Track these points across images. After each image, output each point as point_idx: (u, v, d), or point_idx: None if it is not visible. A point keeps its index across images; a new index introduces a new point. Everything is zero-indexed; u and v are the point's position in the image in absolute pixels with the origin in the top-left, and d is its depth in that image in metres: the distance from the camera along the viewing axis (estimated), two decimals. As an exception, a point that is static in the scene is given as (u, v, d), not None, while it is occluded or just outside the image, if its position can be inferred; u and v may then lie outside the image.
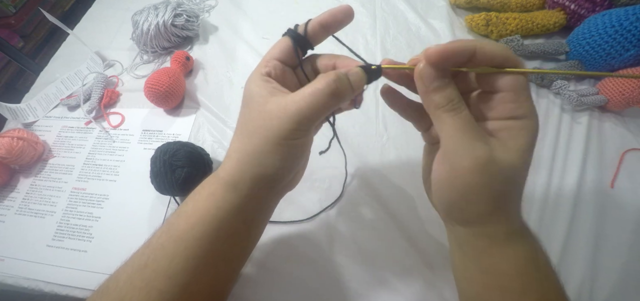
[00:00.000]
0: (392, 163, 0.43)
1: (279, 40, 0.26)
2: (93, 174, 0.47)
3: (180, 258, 0.24)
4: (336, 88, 0.23)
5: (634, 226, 0.36)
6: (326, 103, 0.23)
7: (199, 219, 0.25)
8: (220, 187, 0.25)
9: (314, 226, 0.39)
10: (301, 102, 0.22)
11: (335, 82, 0.23)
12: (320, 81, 0.23)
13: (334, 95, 0.23)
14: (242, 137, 0.25)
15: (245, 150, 0.25)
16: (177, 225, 0.26)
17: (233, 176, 0.25)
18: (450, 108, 0.21)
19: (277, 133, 0.23)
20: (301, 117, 0.22)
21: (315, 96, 0.22)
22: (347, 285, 0.36)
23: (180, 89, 0.51)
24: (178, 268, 0.24)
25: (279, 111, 0.23)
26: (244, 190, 0.25)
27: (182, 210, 0.26)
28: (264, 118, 0.23)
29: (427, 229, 0.38)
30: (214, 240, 0.25)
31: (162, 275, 0.24)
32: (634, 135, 0.42)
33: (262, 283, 0.36)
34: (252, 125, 0.24)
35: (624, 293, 0.33)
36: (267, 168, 0.24)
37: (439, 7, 0.59)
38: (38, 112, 0.55)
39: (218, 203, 0.25)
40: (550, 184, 0.39)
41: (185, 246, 0.24)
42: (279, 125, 0.23)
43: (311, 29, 0.25)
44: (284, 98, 0.23)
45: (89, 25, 0.69)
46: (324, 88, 0.22)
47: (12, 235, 0.44)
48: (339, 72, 0.23)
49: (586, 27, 0.45)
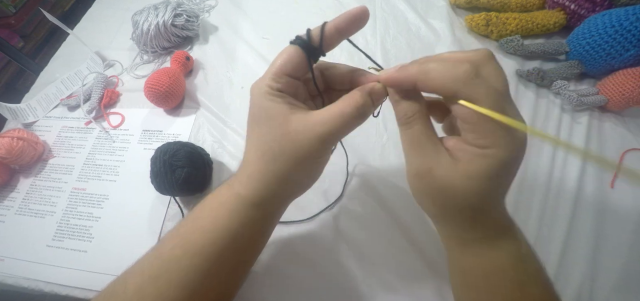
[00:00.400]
0: (392, 163, 0.43)
1: (285, 49, 0.24)
2: (93, 174, 0.47)
3: (196, 272, 0.25)
4: (364, 110, 0.23)
5: (634, 226, 0.36)
6: (353, 124, 0.23)
7: (219, 236, 0.25)
8: (244, 208, 0.25)
9: (314, 226, 0.39)
10: (330, 122, 0.23)
11: (363, 106, 0.23)
12: (348, 103, 0.23)
13: (361, 115, 0.24)
14: (265, 158, 0.24)
15: (271, 172, 0.24)
16: (192, 239, 0.25)
17: (261, 197, 0.25)
18: (404, 122, 0.23)
19: (306, 154, 0.23)
20: (330, 136, 0.23)
21: (344, 118, 0.23)
22: (347, 285, 0.36)
23: (180, 89, 0.51)
24: (194, 280, 0.25)
25: (307, 131, 0.23)
26: (269, 207, 0.26)
27: (197, 224, 0.26)
28: (291, 140, 0.23)
29: (427, 229, 0.38)
30: (232, 253, 0.26)
31: (176, 286, 0.24)
32: (634, 135, 0.42)
33: (262, 283, 0.36)
34: (276, 146, 0.24)
35: (624, 293, 0.33)
36: (295, 186, 0.26)
37: (439, 7, 0.59)
38: (38, 112, 0.55)
39: (242, 221, 0.25)
40: (550, 184, 0.39)
41: (202, 261, 0.25)
42: (308, 145, 0.23)
43: (328, 34, 0.24)
44: (309, 118, 0.23)
45: (89, 25, 0.69)
46: (352, 111, 0.23)
47: (12, 235, 0.44)
48: (364, 94, 0.24)
49: (586, 27, 0.45)
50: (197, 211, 0.27)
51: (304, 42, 0.24)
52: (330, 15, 0.60)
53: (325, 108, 0.23)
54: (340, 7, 0.62)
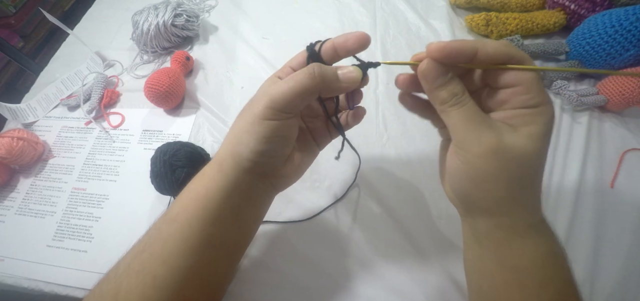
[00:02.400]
0: (392, 163, 0.43)
1: (300, 52, 0.27)
2: (93, 174, 0.47)
3: (173, 239, 0.25)
4: (315, 74, 0.24)
5: (634, 226, 0.36)
6: (304, 86, 0.24)
7: (191, 200, 0.26)
8: (209, 168, 0.27)
9: (314, 226, 0.39)
10: (283, 84, 0.24)
11: (313, 67, 0.24)
12: (304, 71, 0.24)
13: (312, 78, 0.24)
14: (235, 121, 0.27)
15: (231, 130, 0.27)
16: (172, 208, 0.27)
17: (220, 154, 0.27)
18: (455, 102, 0.22)
19: (257, 113, 0.24)
20: (280, 97, 0.24)
21: (296, 80, 0.24)
22: (347, 285, 0.36)
23: (180, 89, 0.51)
24: (171, 250, 0.25)
25: (263, 93, 0.25)
26: (226, 169, 0.26)
27: (180, 195, 0.28)
28: (252, 101, 0.26)
29: (428, 229, 0.38)
30: (202, 222, 0.26)
31: (157, 258, 0.25)
32: (634, 135, 0.42)
33: (262, 283, 0.36)
34: (244, 109, 0.26)
35: (624, 292, 0.33)
36: (244, 146, 0.25)
37: (439, 7, 0.59)
38: (38, 112, 0.55)
39: (207, 184, 0.26)
40: (550, 184, 0.39)
41: (177, 228, 0.25)
42: (259, 104, 0.24)
43: (324, 50, 0.26)
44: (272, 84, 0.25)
45: (89, 25, 0.69)
46: (304, 72, 0.24)
47: (12, 235, 0.44)
48: (322, 65, 0.25)
49: (586, 27, 0.45)
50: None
51: (310, 48, 0.26)
52: (331, 15, 0.61)
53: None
54: (340, 7, 0.62)
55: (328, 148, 0.32)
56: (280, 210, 0.40)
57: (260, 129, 0.24)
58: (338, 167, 0.42)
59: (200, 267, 0.26)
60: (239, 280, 0.36)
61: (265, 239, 0.39)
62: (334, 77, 0.25)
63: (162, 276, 0.24)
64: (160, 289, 0.24)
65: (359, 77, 0.25)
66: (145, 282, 0.24)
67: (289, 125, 0.26)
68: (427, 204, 0.40)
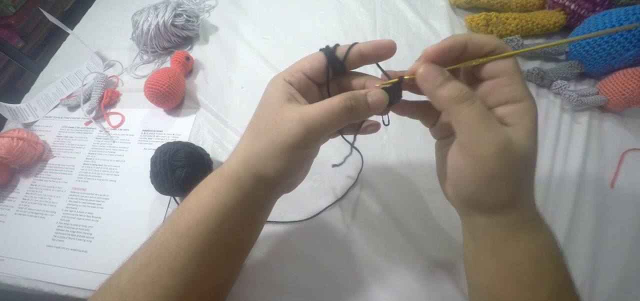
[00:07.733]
0: (392, 163, 0.43)
1: (312, 54, 0.26)
2: (93, 174, 0.47)
3: (184, 253, 0.25)
4: (351, 106, 0.23)
5: (634, 226, 0.36)
6: (340, 119, 0.23)
7: (203, 216, 0.25)
8: (223, 184, 0.26)
9: (314, 226, 0.39)
10: (317, 112, 0.23)
11: (350, 100, 0.23)
12: (339, 96, 0.23)
13: (349, 112, 0.23)
14: (252, 135, 0.26)
15: (252, 149, 0.25)
16: (180, 221, 0.26)
17: (238, 172, 0.26)
18: (467, 97, 0.21)
19: (286, 138, 0.23)
20: (314, 126, 0.23)
21: (331, 110, 0.23)
22: (347, 285, 0.36)
23: (180, 89, 0.51)
24: (183, 263, 0.25)
25: (293, 118, 0.23)
26: (245, 187, 0.25)
27: (185, 206, 0.27)
28: (276, 122, 0.24)
29: (428, 228, 0.38)
30: (217, 235, 0.25)
31: (167, 270, 0.24)
32: (634, 135, 0.42)
33: (262, 283, 0.36)
34: (263, 125, 0.25)
35: (624, 292, 0.33)
36: (269, 170, 0.25)
37: (439, 7, 0.59)
38: (38, 112, 0.55)
39: (222, 200, 0.25)
40: (550, 184, 0.39)
41: (189, 242, 0.25)
42: (289, 129, 0.23)
43: (351, 59, 0.26)
44: (301, 108, 0.24)
45: (89, 25, 0.69)
46: (339, 103, 0.23)
47: (12, 235, 0.44)
48: (356, 92, 0.24)
49: (586, 27, 0.45)
50: (189, 194, 0.28)
51: (328, 51, 0.26)
52: (331, 15, 0.61)
53: (317, 103, 0.24)
54: (340, 7, 0.62)
55: (329, 149, 0.33)
56: (281, 210, 0.40)
57: (290, 156, 0.24)
58: (338, 167, 0.42)
59: (211, 274, 0.27)
60: (239, 280, 0.36)
61: (265, 239, 0.39)
62: (365, 106, 0.24)
63: (173, 286, 0.24)
64: (172, 298, 0.24)
65: (387, 100, 0.25)
66: (155, 292, 0.24)
67: (316, 150, 0.26)
68: (427, 204, 0.40)
